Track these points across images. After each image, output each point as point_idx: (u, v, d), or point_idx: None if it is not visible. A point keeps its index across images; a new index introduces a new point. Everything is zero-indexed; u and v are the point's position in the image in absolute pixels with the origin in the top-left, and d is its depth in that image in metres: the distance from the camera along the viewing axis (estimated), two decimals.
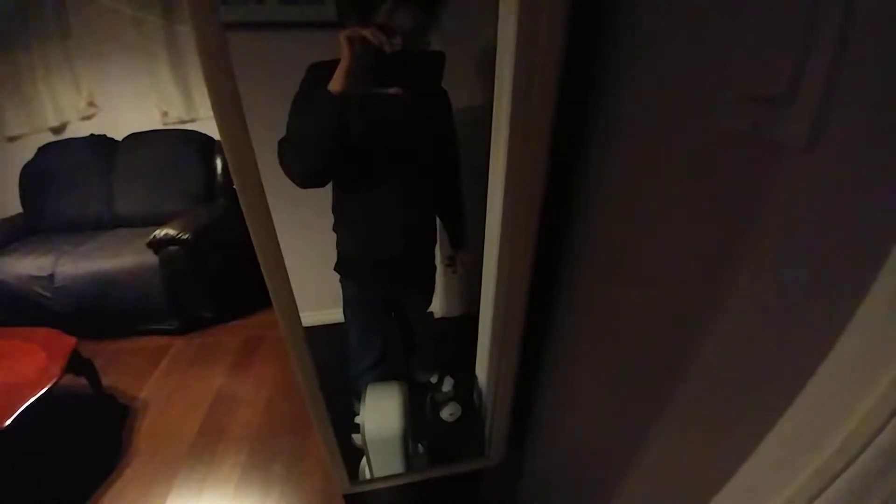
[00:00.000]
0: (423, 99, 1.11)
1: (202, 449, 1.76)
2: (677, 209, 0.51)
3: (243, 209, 0.57)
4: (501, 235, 0.99)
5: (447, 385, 1.53)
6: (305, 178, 0.95)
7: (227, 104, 0.48)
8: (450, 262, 1.61)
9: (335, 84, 0.82)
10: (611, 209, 0.68)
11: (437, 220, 1.40)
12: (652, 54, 0.53)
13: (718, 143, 0.43)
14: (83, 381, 1.81)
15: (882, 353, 0.33)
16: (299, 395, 1.95)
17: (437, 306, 1.99)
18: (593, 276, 0.77)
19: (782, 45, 0.36)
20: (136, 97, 2.75)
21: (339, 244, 1.22)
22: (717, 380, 0.51)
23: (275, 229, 0.63)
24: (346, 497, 1.20)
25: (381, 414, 1.21)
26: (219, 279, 2.56)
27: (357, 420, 1.26)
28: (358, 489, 1.19)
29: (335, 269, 1.26)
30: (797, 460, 0.40)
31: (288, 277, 0.69)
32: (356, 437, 1.28)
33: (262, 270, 0.65)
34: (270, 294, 0.68)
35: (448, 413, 1.41)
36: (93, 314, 2.30)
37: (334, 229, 1.21)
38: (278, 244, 0.65)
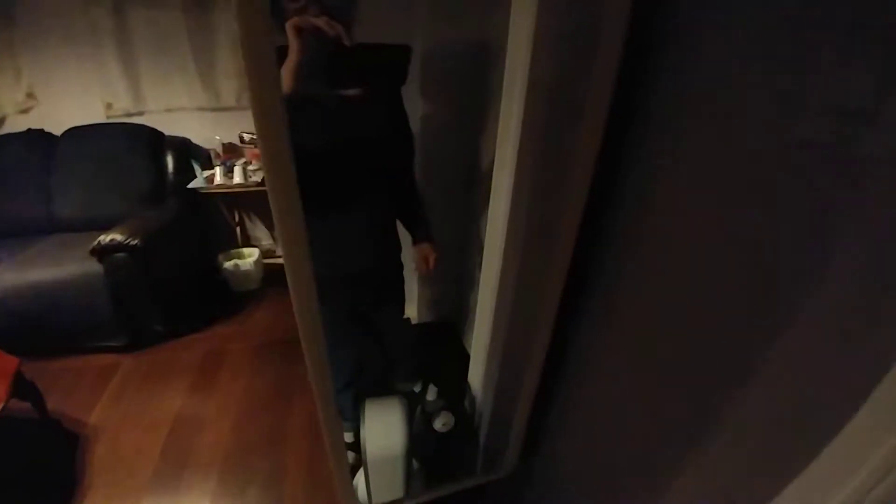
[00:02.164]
0: (385, 100, 1.07)
1: (166, 478, 1.70)
2: (741, 217, 0.54)
3: (270, 195, 0.53)
4: (508, 240, 1.03)
5: (431, 393, 1.55)
6: None
7: (266, 85, 0.46)
8: (417, 265, 1.62)
9: (282, 84, 0.76)
10: (665, 216, 0.69)
11: (399, 224, 1.41)
12: (723, 55, 0.55)
13: (795, 153, 0.47)
14: (27, 405, 1.71)
15: None
16: (270, 414, 1.95)
17: (410, 312, 2.02)
18: (637, 289, 0.78)
19: (869, 57, 0.40)
20: (79, 88, 2.63)
21: None
22: (765, 403, 0.55)
23: (303, 215, 0.59)
24: None
25: (382, 431, 1.22)
26: (171, 289, 2.48)
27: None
28: None
29: None
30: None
31: (311, 268, 0.66)
32: None
33: (283, 256, 0.61)
34: (290, 283, 0.64)
35: (441, 423, 1.42)
36: (30, 330, 2.16)
37: None
38: (305, 230, 0.61)
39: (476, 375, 1.44)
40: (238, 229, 3.07)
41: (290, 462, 1.76)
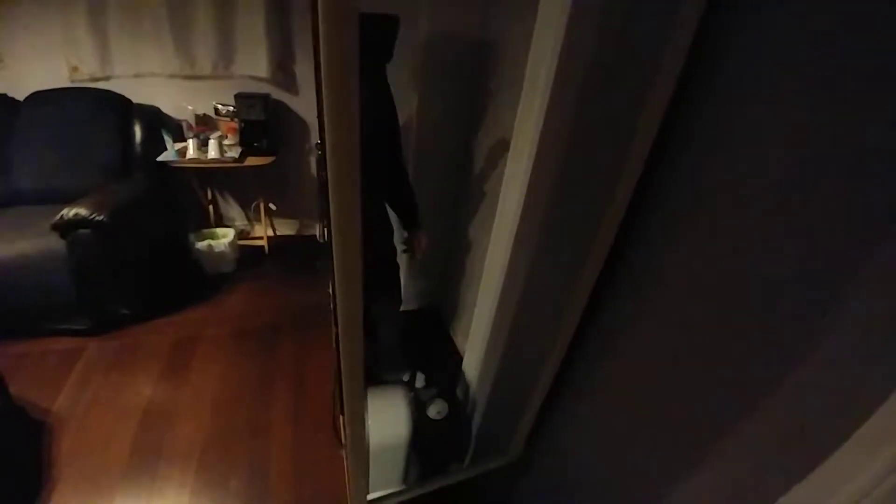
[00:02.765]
0: (368, 79, 1.03)
1: (139, 471, 1.64)
2: (798, 212, 0.55)
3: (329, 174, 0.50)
4: (518, 234, 1.01)
5: (420, 381, 1.56)
6: None
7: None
8: (406, 248, 1.62)
9: None
10: (714, 213, 0.68)
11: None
12: (798, 55, 0.55)
13: (860, 156, 0.49)
14: None
15: None
16: (249, 403, 1.91)
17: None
18: (671, 282, 0.78)
19: None
20: (44, 49, 2.47)
21: None
22: (776, 412, 0.57)
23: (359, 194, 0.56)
24: None
25: (386, 421, 1.21)
26: (139, 269, 2.39)
27: None
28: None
29: None
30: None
31: (360, 255, 0.62)
32: None
33: (335, 249, 0.57)
34: (335, 267, 0.59)
35: (435, 411, 1.43)
36: None
37: None
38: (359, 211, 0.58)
39: (472, 365, 1.44)
40: (211, 208, 2.97)
41: (274, 452, 1.73)
